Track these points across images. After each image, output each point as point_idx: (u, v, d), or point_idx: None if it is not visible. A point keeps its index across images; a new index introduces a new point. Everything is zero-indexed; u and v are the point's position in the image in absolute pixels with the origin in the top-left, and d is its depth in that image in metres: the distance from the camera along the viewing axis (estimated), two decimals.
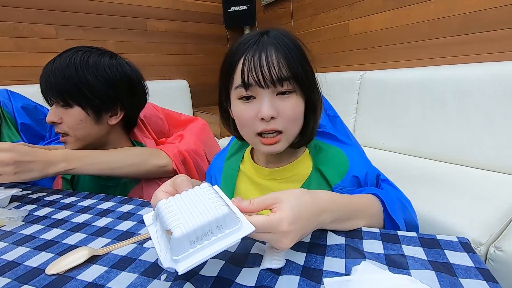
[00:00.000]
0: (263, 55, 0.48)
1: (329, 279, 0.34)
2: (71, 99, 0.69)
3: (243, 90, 0.50)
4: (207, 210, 0.32)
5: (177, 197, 0.35)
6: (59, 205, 0.61)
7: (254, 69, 0.48)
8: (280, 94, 0.50)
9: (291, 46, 0.50)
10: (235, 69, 0.51)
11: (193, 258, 0.30)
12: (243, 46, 0.50)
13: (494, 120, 1.11)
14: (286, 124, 0.51)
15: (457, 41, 1.35)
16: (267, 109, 0.49)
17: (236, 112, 0.53)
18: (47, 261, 0.41)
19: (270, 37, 0.50)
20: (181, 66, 2.63)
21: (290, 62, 0.49)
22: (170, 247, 0.30)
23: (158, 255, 0.31)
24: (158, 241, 0.33)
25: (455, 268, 0.36)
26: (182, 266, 0.29)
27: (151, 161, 0.76)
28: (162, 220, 0.31)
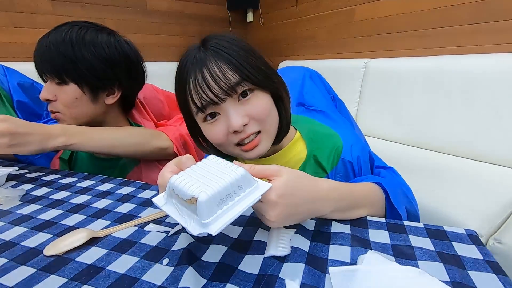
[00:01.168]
0: (205, 71, 0.46)
1: (334, 268, 0.33)
2: (67, 75, 0.66)
3: (203, 113, 0.48)
4: (225, 173, 0.32)
5: (188, 170, 0.34)
6: (57, 185, 0.60)
7: (202, 91, 0.46)
8: (241, 98, 0.48)
9: (231, 47, 0.48)
10: (186, 95, 0.49)
11: (223, 218, 0.30)
12: (184, 68, 0.48)
13: (500, 114, 1.10)
14: (261, 123, 0.50)
15: (467, 30, 1.31)
16: (235, 120, 0.47)
17: (208, 135, 0.52)
18: (45, 242, 0.40)
19: (208, 48, 0.48)
20: (182, 48, 2.48)
21: (234, 65, 0.46)
22: (198, 212, 0.29)
23: (184, 227, 0.30)
24: (180, 215, 0.32)
25: (463, 260, 0.35)
26: (214, 227, 0.29)
27: (152, 143, 0.74)
28: (182, 191, 0.31)
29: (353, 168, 0.57)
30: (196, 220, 0.30)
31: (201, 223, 0.29)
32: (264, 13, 2.59)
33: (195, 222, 0.30)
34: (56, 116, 0.69)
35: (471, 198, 0.93)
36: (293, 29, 2.31)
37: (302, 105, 0.72)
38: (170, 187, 0.32)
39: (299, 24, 2.22)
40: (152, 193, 0.55)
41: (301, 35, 2.24)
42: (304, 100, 0.72)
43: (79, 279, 0.33)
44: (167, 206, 0.34)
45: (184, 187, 0.30)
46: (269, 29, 2.58)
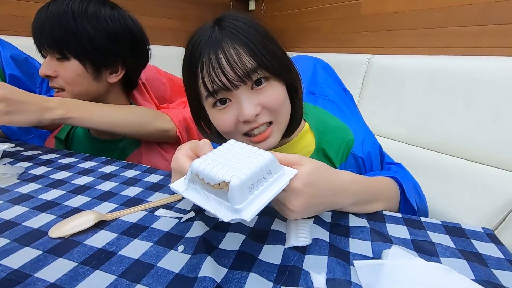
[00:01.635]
0: (220, 53, 0.43)
1: (359, 261, 0.32)
2: (68, 50, 0.62)
3: (213, 98, 0.45)
4: (252, 157, 0.31)
5: (211, 154, 0.32)
6: (57, 165, 0.56)
7: (215, 74, 0.43)
8: (255, 86, 0.45)
9: (249, 31, 0.44)
10: (197, 77, 0.45)
11: (256, 204, 0.29)
12: (196, 48, 0.45)
13: (501, 117, 1.10)
14: (274, 114, 0.47)
15: (473, 31, 1.31)
16: (248, 109, 0.44)
17: (215, 121, 0.49)
18: (49, 223, 0.38)
19: (223, 29, 0.44)
20: (181, 32, 2.49)
21: (252, 50, 0.43)
22: (230, 198, 0.28)
23: (213, 213, 0.29)
24: (206, 201, 0.30)
25: (485, 258, 0.35)
26: (247, 213, 0.28)
27: (154, 123, 0.71)
28: (209, 176, 0.29)
29: (364, 163, 0.56)
30: (226, 206, 0.28)
31: (233, 209, 0.28)
32: (267, 2, 2.54)
33: (226, 208, 0.28)
34: (59, 94, 0.65)
35: (469, 197, 0.94)
36: (297, 20, 2.27)
37: (312, 94, 0.71)
38: (193, 171, 0.30)
39: (303, 15, 2.18)
40: (159, 177, 0.53)
41: (305, 26, 2.20)
42: (315, 88, 0.71)
43: (90, 263, 0.31)
44: (189, 192, 0.31)
45: (211, 172, 0.29)
46: (271, 18, 2.53)
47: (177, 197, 0.45)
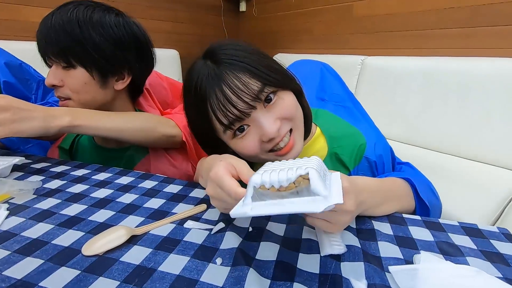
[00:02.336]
0: (224, 87, 0.44)
1: (395, 267, 0.34)
2: (75, 58, 0.61)
3: (231, 130, 0.47)
4: (304, 160, 0.33)
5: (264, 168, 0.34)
6: (70, 177, 0.55)
7: (226, 110, 0.44)
8: (266, 103, 0.47)
9: (243, 54, 0.46)
10: (208, 118, 0.47)
11: (336, 188, 0.30)
12: (200, 89, 0.46)
13: (493, 116, 1.16)
14: (292, 121, 0.49)
15: (463, 33, 1.37)
16: (270, 128, 0.46)
17: (239, 150, 0.50)
18: (79, 240, 0.37)
19: (217, 61, 0.46)
20: (171, 34, 2.46)
21: (253, 72, 0.45)
22: (314, 188, 0.28)
23: (302, 211, 0.29)
24: (285, 207, 0.29)
25: (507, 258, 0.37)
26: (337, 197, 0.28)
27: (160, 129, 0.71)
28: (282, 179, 0.29)
29: (377, 166, 0.57)
30: (313, 199, 0.29)
31: (321, 198, 0.28)
32: (258, 3, 2.54)
33: (313, 201, 0.28)
34: (65, 103, 0.64)
35: (466, 195, 0.98)
36: (289, 21, 2.28)
37: (321, 100, 0.72)
38: (256, 185, 0.30)
39: (296, 17, 2.20)
40: (178, 187, 0.53)
41: (297, 28, 2.22)
42: (325, 94, 0.72)
43: (132, 282, 0.31)
44: (258, 209, 0.30)
45: (281, 175, 0.29)
46: (263, 20, 2.54)
47: (202, 207, 0.46)
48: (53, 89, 0.98)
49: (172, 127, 0.73)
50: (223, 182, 0.35)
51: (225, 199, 0.36)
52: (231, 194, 0.34)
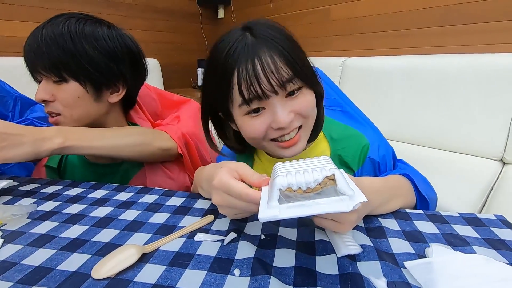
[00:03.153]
0: (257, 62, 0.43)
1: (410, 262, 0.34)
2: (67, 72, 0.59)
3: (247, 106, 0.46)
4: (319, 159, 0.34)
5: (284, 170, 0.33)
6: (64, 197, 0.53)
7: (252, 84, 0.43)
8: (288, 95, 0.47)
9: (282, 39, 0.46)
10: (230, 86, 0.46)
11: (356, 188, 0.30)
12: (231, 56, 0.44)
13: (471, 109, 1.22)
14: (305, 119, 0.50)
15: (437, 32, 1.44)
16: (283, 118, 0.45)
17: (246, 129, 0.49)
18: (85, 263, 0.35)
19: (257, 36, 0.45)
20: (150, 43, 2.42)
21: (288, 60, 0.45)
22: (340, 187, 0.29)
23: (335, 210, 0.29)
24: (313, 209, 0.29)
25: (509, 244, 0.39)
26: (362, 197, 0.29)
27: (155, 143, 0.69)
28: (308, 180, 0.29)
29: (379, 166, 0.58)
30: (340, 198, 0.29)
31: (347, 198, 0.29)
32: (236, 9, 2.56)
33: (341, 201, 0.29)
34: (56, 120, 0.61)
35: (453, 185, 1.02)
36: None
37: None
38: (281, 188, 0.30)
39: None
40: (180, 200, 0.52)
41: None
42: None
43: None
44: (286, 212, 0.30)
45: (306, 176, 0.29)
46: None
47: (210, 218, 0.45)
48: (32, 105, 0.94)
49: (167, 140, 0.71)
50: (231, 187, 0.34)
51: (235, 204, 0.36)
52: (242, 197, 0.33)
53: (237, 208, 0.36)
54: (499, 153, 1.22)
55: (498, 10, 1.27)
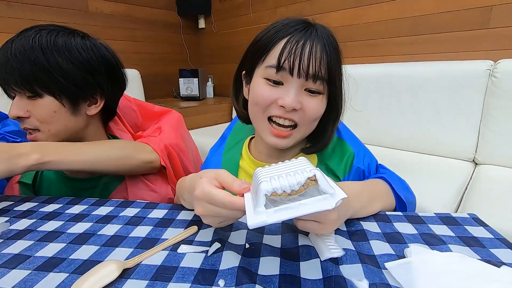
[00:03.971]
0: (308, 44, 0.46)
1: (390, 263, 0.35)
2: (40, 87, 0.57)
3: (274, 71, 0.48)
4: (299, 161, 0.35)
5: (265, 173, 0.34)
6: (40, 214, 0.50)
7: (294, 54, 0.46)
8: (308, 90, 0.49)
9: (335, 49, 0.49)
10: (273, 47, 0.48)
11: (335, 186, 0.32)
12: (289, 27, 0.48)
13: (441, 112, 1.29)
14: (305, 120, 0.51)
15: (407, 41, 1.52)
16: (292, 99, 0.47)
17: (256, 90, 0.51)
18: (63, 282, 0.34)
19: (318, 31, 0.48)
20: (130, 54, 2.40)
21: (332, 66, 0.48)
22: (322, 187, 0.30)
23: (315, 211, 0.30)
24: (298, 210, 0.30)
25: (481, 240, 0.41)
26: (342, 193, 0.30)
27: (137, 156, 0.68)
28: (292, 183, 0.30)
29: (365, 174, 0.60)
30: (320, 198, 0.30)
31: (328, 196, 0.30)
32: (217, 20, 2.59)
33: (324, 199, 0.30)
34: (35, 137, 0.59)
35: (429, 186, 1.06)
36: (247, 37, 2.35)
37: None
38: (266, 193, 0.30)
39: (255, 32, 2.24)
40: (163, 212, 0.51)
41: None
42: None
43: None
44: (274, 216, 0.30)
45: (289, 179, 0.30)
46: (222, 36, 2.58)
47: (193, 229, 0.44)
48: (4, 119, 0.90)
49: (149, 152, 0.70)
50: (214, 196, 0.34)
51: (220, 213, 0.35)
52: (226, 205, 0.33)
53: (221, 216, 0.36)
54: (471, 154, 1.28)
55: (462, 21, 1.36)
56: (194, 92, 2.38)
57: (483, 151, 1.25)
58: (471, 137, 1.26)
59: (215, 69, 2.73)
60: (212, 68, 2.74)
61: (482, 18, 1.31)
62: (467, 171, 1.20)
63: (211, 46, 2.72)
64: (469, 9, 1.34)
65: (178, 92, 2.45)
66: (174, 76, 2.50)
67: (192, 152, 0.98)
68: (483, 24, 1.31)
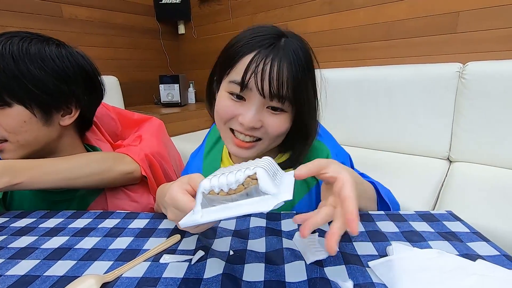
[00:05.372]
0: (275, 64, 0.44)
1: (374, 261, 0.36)
2: (10, 96, 0.54)
3: (237, 87, 0.47)
4: (256, 161, 0.33)
5: (215, 173, 0.33)
6: (11, 230, 0.48)
7: (258, 74, 0.44)
8: (270, 108, 0.48)
9: (305, 61, 0.47)
10: (238, 62, 0.47)
11: (287, 183, 0.30)
12: (256, 41, 0.46)
13: (416, 113, 1.34)
14: (267, 136, 0.50)
15: (383, 45, 1.57)
16: (250, 119, 0.47)
17: (219, 102, 0.50)
18: None
19: (287, 46, 0.46)
20: (108, 60, 2.34)
21: (297, 85, 0.46)
22: (263, 186, 0.28)
23: (253, 212, 0.28)
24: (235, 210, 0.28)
25: (458, 235, 0.42)
26: (287, 193, 0.28)
27: (117, 168, 0.66)
28: (230, 182, 0.29)
29: None
30: (262, 198, 0.28)
31: (270, 197, 0.28)
32: (197, 25, 2.58)
33: (262, 200, 0.28)
34: (1, 146, 0.56)
35: (407, 185, 1.10)
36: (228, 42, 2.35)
37: None
38: (205, 191, 0.29)
39: None
40: (144, 221, 0.49)
41: None
42: None
43: None
44: (208, 216, 0.29)
45: (229, 177, 0.29)
46: (203, 41, 2.58)
47: (176, 238, 0.43)
48: None
49: (129, 163, 0.68)
50: (177, 202, 0.33)
51: None
52: (186, 211, 0.32)
53: None
54: (445, 153, 1.34)
55: (433, 26, 1.43)
56: (175, 98, 2.35)
57: (456, 149, 1.31)
58: (445, 136, 1.32)
59: (196, 74, 2.71)
60: (194, 73, 2.72)
61: (450, 23, 1.39)
62: (443, 169, 1.25)
63: (191, 51, 2.71)
64: (438, 14, 1.41)
65: (159, 98, 2.41)
66: (154, 82, 2.46)
67: (175, 159, 0.96)
68: (452, 29, 1.39)
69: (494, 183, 1.07)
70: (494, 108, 1.20)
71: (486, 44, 1.33)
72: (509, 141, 1.17)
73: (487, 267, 0.34)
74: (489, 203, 0.93)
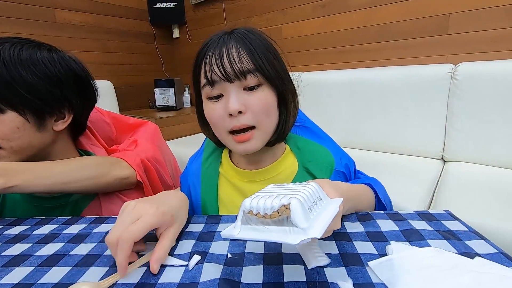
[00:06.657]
0: (224, 51, 0.48)
1: (373, 261, 0.36)
2: (2, 102, 0.53)
3: (210, 88, 0.50)
4: (301, 186, 0.34)
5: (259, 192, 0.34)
6: (4, 238, 0.47)
7: (216, 65, 0.48)
8: (247, 89, 0.50)
9: (254, 39, 0.50)
10: (200, 69, 0.51)
11: (321, 220, 0.30)
12: (205, 46, 0.51)
13: (409, 114, 1.36)
14: (257, 118, 0.50)
15: (375, 47, 1.59)
16: (233, 103, 0.48)
17: (207, 112, 0.53)
18: None
19: (233, 34, 0.50)
20: (102, 65, 2.32)
21: (253, 55, 0.49)
22: (294, 219, 0.28)
23: (280, 241, 0.28)
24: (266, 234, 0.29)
25: (457, 233, 0.42)
26: (316, 230, 0.28)
27: (112, 173, 0.65)
28: (266, 206, 0.29)
29: (346, 176, 0.61)
30: (291, 230, 0.28)
31: (299, 230, 0.28)
32: (192, 29, 2.58)
33: (291, 233, 0.28)
34: None
35: (403, 185, 1.10)
36: None
37: None
38: (245, 210, 0.30)
39: None
40: None
41: None
42: None
43: None
44: (244, 233, 0.30)
45: (266, 202, 0.30)
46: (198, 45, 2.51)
47: None
48: None
49: (125, 168, 0.68)
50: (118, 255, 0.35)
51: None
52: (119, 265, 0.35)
53: None
54: (439, 153, 1.35)
55: (424, 27, 1.45)
56: (170, 102, 2.34)
57: (450, 149, 1.32)
58: (438, 136, 1.33)
59: None
60: (189, 77, 2.71)
61: (441, 25, 1.41)
62: (437, 169, 1.26)
63: (186, 55, 2.71)
64: (430, 16, 1.43)
65: (154, 102, 2.40)
66: (149, 86, 2.45)
67: (170, 163, 0.95)
68: (443, 30, 1.41)
69: (487, 181, 1.08)
70: (486, 107, 1.22)
71: (477, 45, 1.35)
72: (501, 140, 1.19)
73: (485, 265, 0.34)
74: (483, 201, 0.94)
